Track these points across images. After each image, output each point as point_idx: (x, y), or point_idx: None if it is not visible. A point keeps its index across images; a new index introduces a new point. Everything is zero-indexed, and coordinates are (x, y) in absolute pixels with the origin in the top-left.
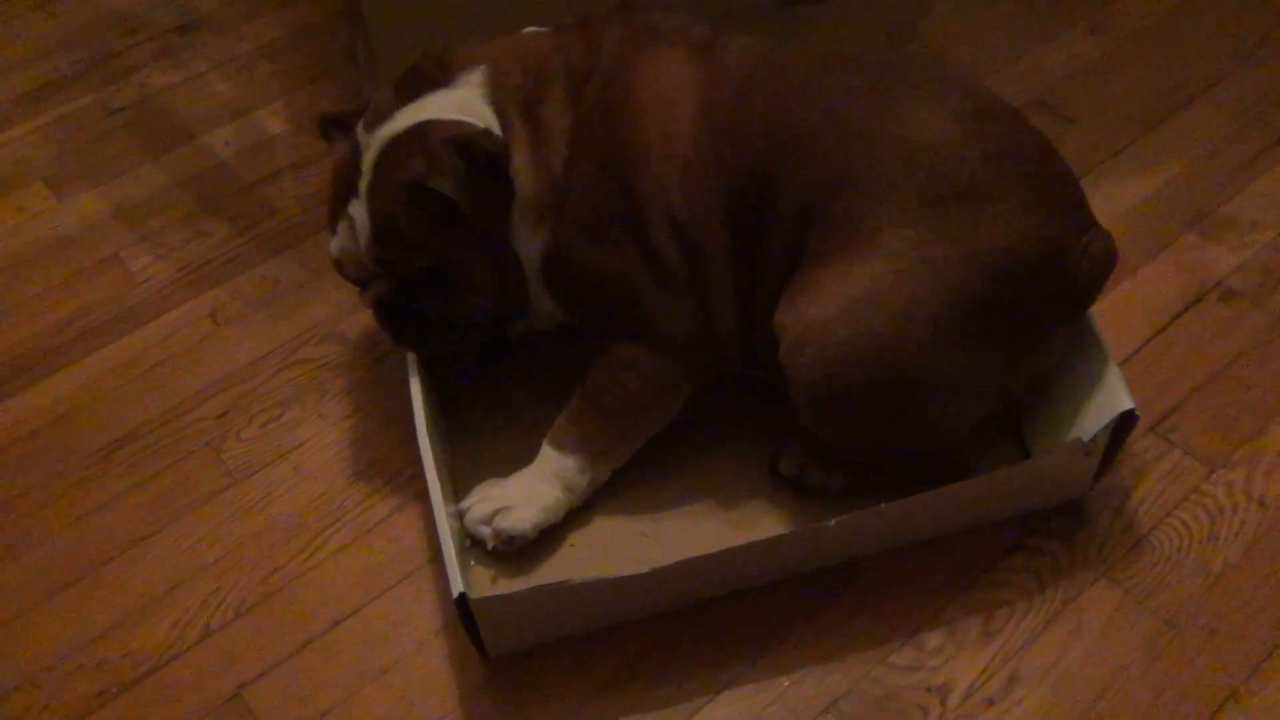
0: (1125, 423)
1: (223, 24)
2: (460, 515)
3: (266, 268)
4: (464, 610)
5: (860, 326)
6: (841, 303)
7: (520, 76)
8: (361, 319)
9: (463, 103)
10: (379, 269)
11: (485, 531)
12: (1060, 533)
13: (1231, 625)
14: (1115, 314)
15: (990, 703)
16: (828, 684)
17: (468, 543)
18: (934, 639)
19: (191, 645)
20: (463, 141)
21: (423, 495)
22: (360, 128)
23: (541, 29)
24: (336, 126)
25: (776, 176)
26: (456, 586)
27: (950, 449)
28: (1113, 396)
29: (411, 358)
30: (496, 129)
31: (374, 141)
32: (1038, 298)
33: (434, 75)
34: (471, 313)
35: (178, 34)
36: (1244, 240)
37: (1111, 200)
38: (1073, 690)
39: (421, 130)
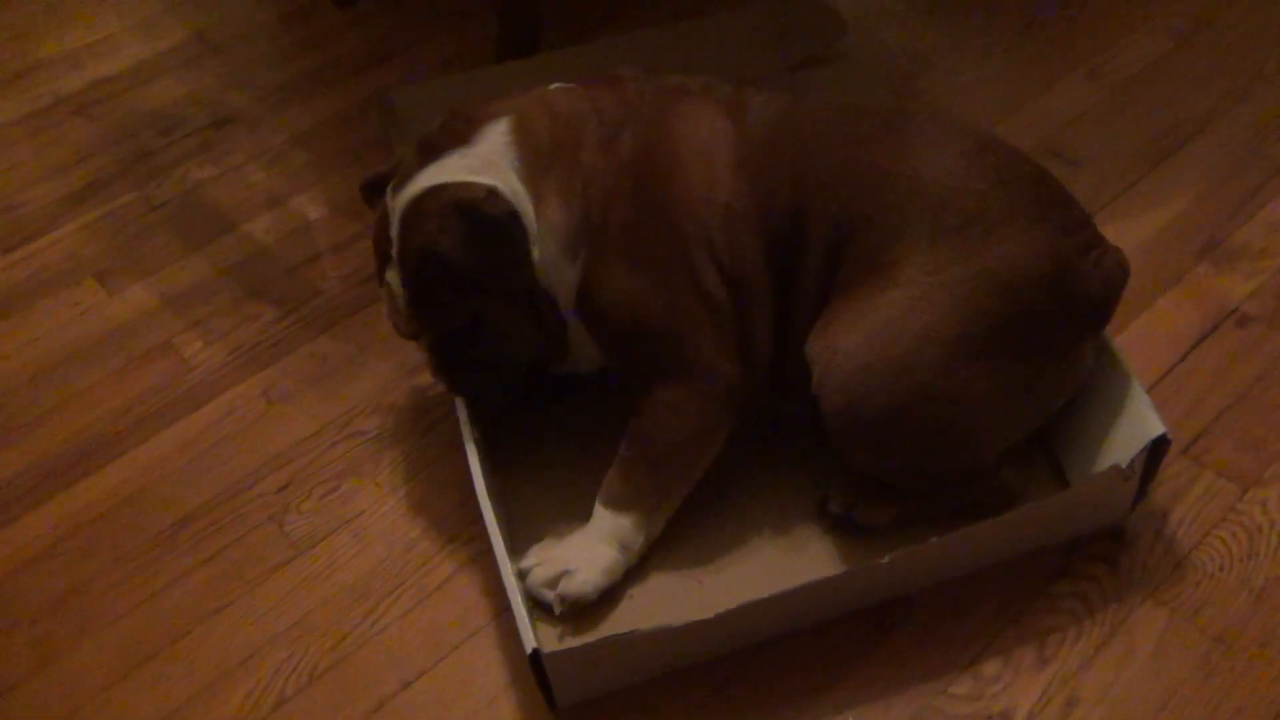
0: (1158, 447)
1: (254, 118)
2: (521, 576)
3: (314, 346)
4: (536, 665)
5: (880, 350)
6: (863, 330)
7: (548, 122)
8: (410, 389)
9: (484, 158)
10: (422, 326)
11: (549, 595)
12: (1104, 557)
13: (1279, 639)
14: (1137, 345)
15: None
16: (891, 717)
17: (530, 603)
18: (991, 667)
19: (267, 714)
20: (466, 205)
21: (480, 556)
22: (390, 190)
23: (568, 84)
24: (376, 190)
25: (807, 217)
26: (529, 643)
27: (986, 470)
28: (1144, 423)
29: (464, 419)
30: (515, 181)
31: (398, 205)
32: (1051, 310)
33: (457, 132)
34: (514, 356)
35: (212, 130)
36: (1255, 268)
37: (1123, 236)
38: (1130, 711)
39: (433, 194)
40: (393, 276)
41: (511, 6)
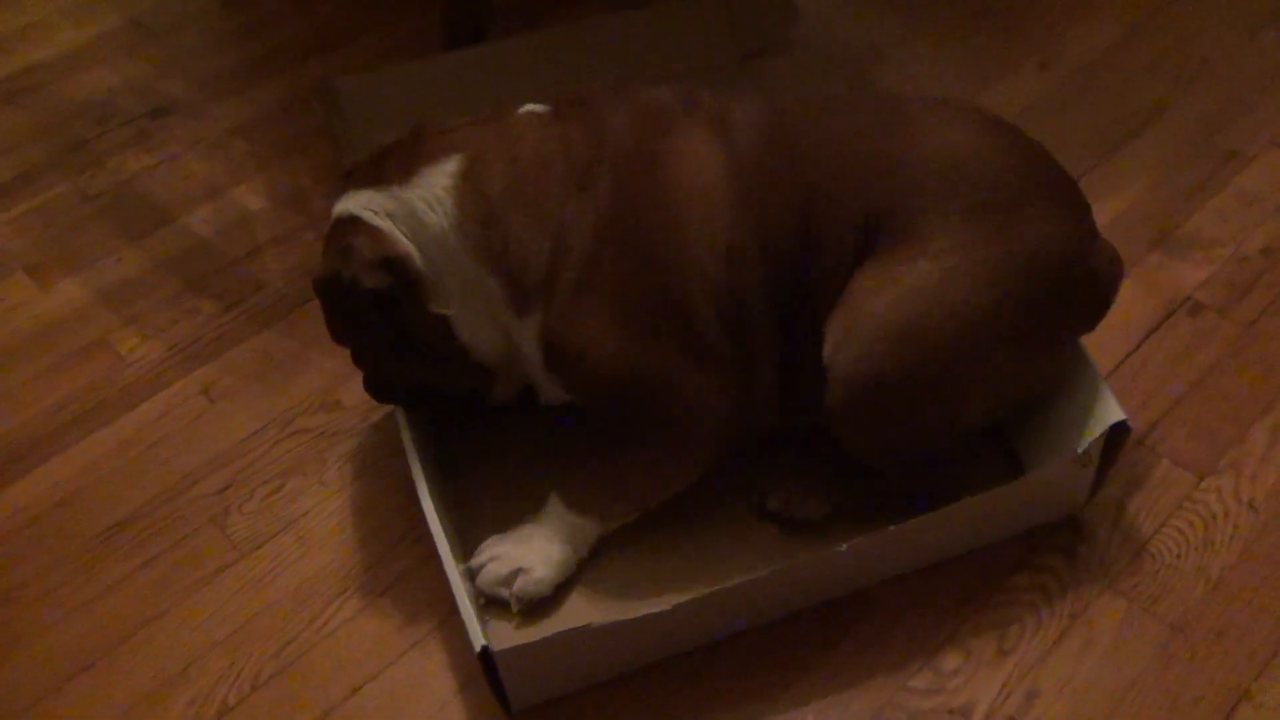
0: (1118, 434)
1: (193, 107)
2: (472, 574)
3: (256, 342)
4: (487, 664)
5: (909, 312)
6: (893, 294)
7: (505, 166)
8: (355, 386)
9: (411, 207)
10: (336, 340)
11: (504, 593)
12: (1062, 548)
13: (1236, 626)
14: (1092, 335)
15: None
16: (851, 713)
17: (482, 601)
18: (950, 661)
19: None
20: (353, 259)
21: (430, 557)
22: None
23: (539, 108)
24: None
25: (822, 232)
26: (478, 641)
27: (951, 454)
28: (1104, 410)
29: (403, 421)
30: (440, 237)
31: (332, 215)
32: (1065, 298)
33: (403, 161)
34: (432, 384)
35: (149, 119)
36: (1207, 256)
37: None
38: (1091, 701)
39: (345, 226)
40: None
41: None
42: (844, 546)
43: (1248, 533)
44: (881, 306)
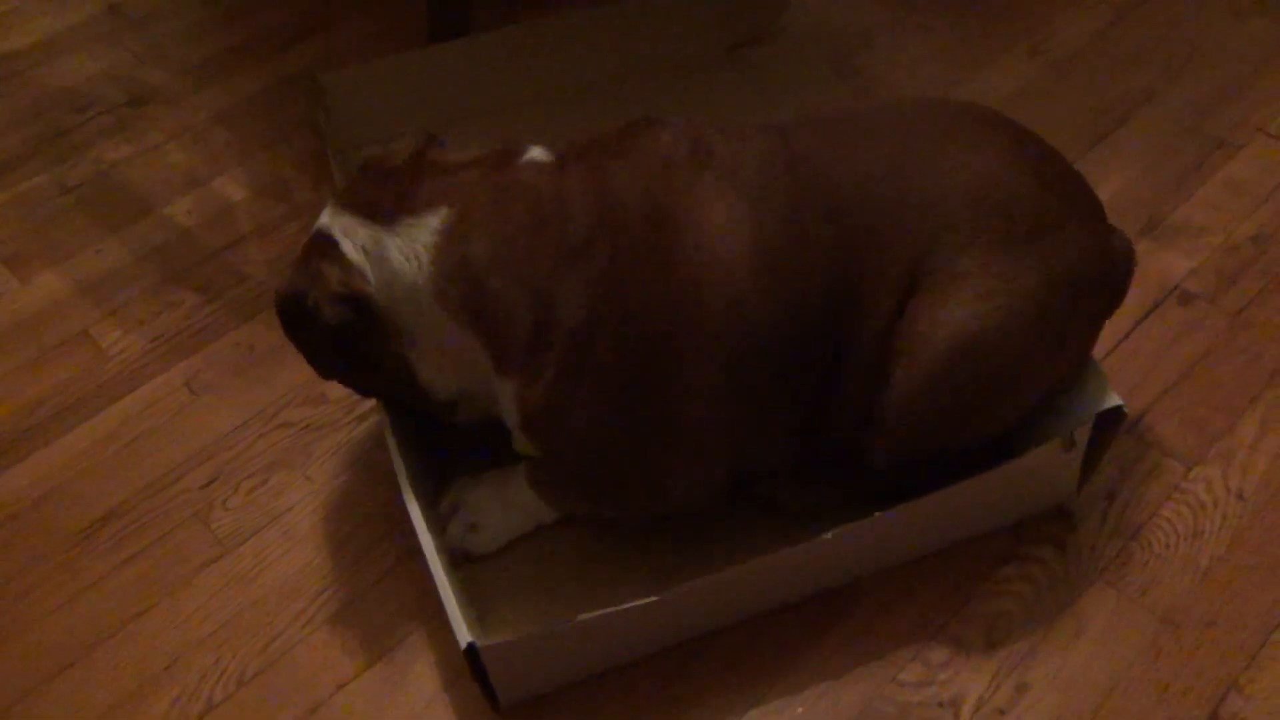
0: (1112, 419)
1: (173, 96)
2: (441, 524)
3: (240, 334)
4: (473, 661)
5: (963, 356)
6: (944, 339)
7: (493, 226)
8: None
9: (386, 258)
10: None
11: (458, 544)
12: (1051, 539)
13: (1225, 617)
14: None
15: (1001, 712)
16: (841, 707)
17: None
18: (940, 654)
19: None
20: (320, 284)
21: (417, 551)
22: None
23: (543, 156)
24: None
25: (856, 282)
26: (464, 637)
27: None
28: (1097, 395)
29: (385, 414)
30: (411, 293)
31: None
32: (1097, 300)
33: (395, 198)
34: (400, 398)
35: (128, 108)
36: (1196, 245)
37: None
38: (1080, 693)
39: (321, 246)
40: None
41: None
42: (829, 534)
43: (1236, 522)
44: (938, 351)
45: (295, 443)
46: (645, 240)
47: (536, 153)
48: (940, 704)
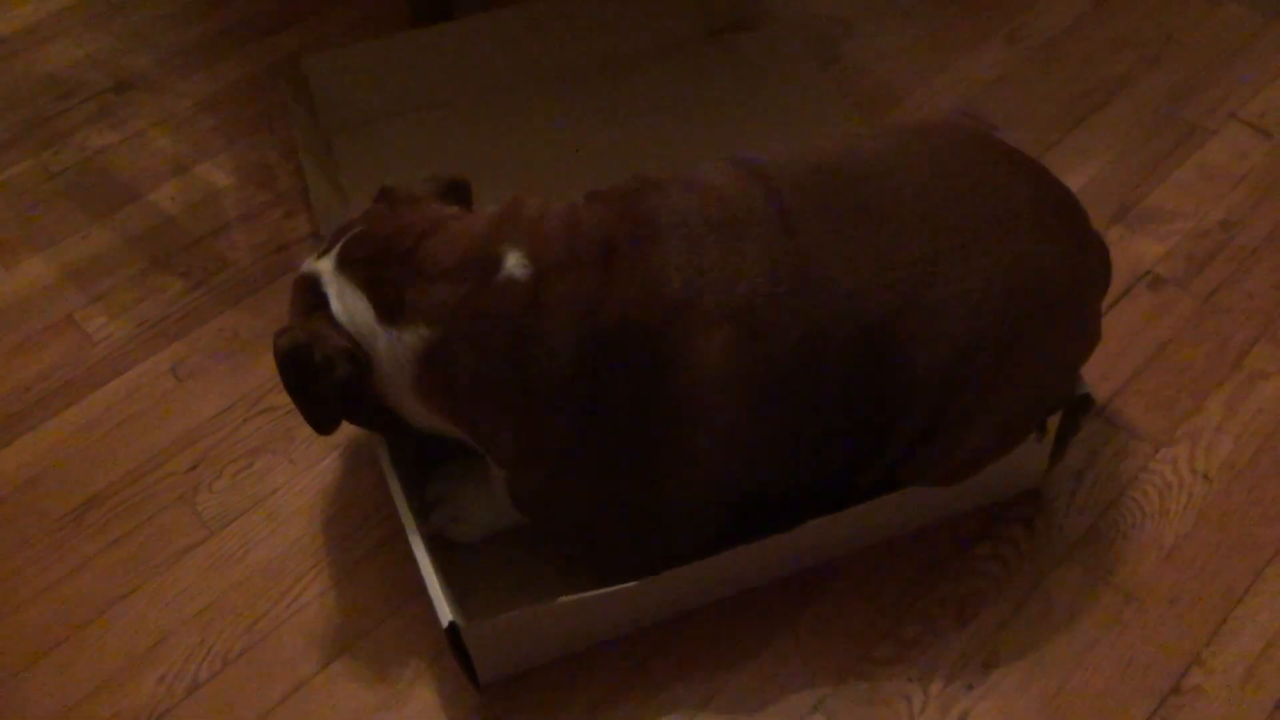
0: (1081, 407)
1: (158, 82)
2: (425, 508)
3: (224, 320)
4: (455, 640)
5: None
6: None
7: (474, 360)
8: None
9: (389, 355)
10: None
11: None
12: (1021, 519)
13: (1189, 594)
14: None
15: (970, 687)
16: (815, 683)
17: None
18: (911, 631)
19: (180, 699)
20: (310, 336)
21: (399, 532)
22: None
23: (520, 276)
24: (382, 198)
25: (871, 410)
26: (445, 616)
27: None
28: None
29: None
30: (407, 392)
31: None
32: (1093, 334)
33: (391, 283)
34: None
35: (113, 94)
36: (1167, 230)
37: None
38: (1046, 668)
39: (319, 299)
40: None
41: None
42: (799, 527)
43: (1201, 502)
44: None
45: (279, 427)
46: (634, 376)
47: (514, 264)
48: (910, 679)
